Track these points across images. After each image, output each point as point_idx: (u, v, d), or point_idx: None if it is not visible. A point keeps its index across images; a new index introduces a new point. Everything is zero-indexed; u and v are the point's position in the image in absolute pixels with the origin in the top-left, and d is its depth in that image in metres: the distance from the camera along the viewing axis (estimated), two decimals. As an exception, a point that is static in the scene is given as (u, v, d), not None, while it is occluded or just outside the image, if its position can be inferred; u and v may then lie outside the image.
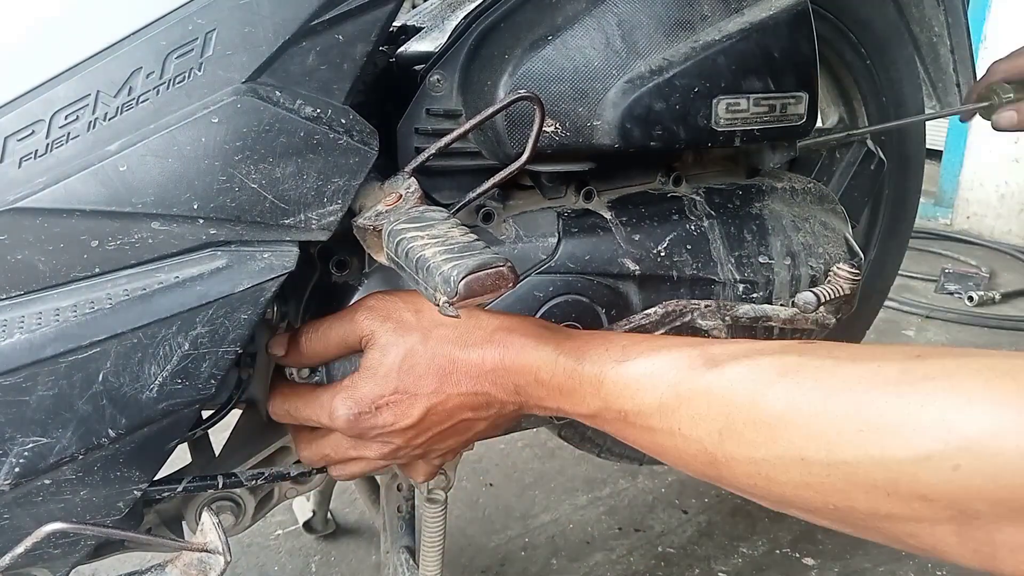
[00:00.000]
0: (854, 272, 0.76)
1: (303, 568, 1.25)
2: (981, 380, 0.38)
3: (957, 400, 0.38)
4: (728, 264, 0.75)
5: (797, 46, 0.72)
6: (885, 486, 0.40)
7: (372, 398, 0.57)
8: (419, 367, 0.57)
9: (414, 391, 0.57)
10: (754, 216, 0.78)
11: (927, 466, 0.37)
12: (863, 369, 0.44)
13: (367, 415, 0.58)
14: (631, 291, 0.72)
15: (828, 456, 0.42)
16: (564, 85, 0.64)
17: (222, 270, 0.52)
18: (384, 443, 0.60)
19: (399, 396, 0.57)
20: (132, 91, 0.48)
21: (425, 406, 0.57)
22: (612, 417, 0.54)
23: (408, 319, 0.59)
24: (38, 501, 0.51)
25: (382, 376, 0.57)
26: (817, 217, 0.82)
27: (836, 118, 1.12)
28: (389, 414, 0.58)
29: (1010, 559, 0.37)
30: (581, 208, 0.72)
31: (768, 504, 0.49)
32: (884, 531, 0.42)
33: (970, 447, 0.36)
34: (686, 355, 0.52)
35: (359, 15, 0.52)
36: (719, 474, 0.49)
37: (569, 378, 0.55)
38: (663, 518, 1.36)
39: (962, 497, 0.37)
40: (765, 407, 0.45)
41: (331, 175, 0.53)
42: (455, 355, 0.57)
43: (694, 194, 0.77)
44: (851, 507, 0.42)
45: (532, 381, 0.56)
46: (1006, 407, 0.36)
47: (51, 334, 0.48)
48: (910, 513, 0.39)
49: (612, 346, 0.56)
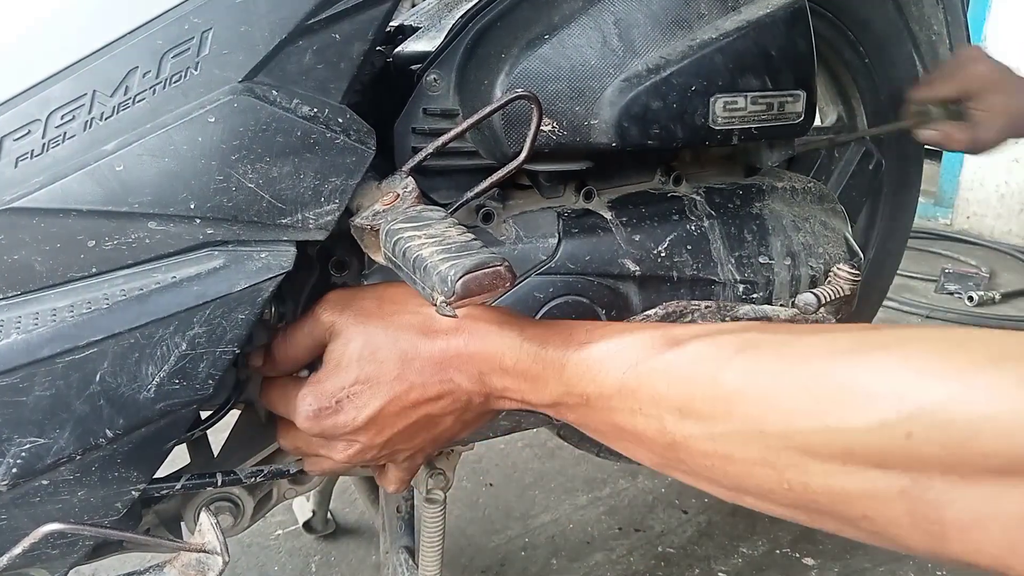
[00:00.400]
0: (854, 272, 0.76)
1: (303, 568, 1.25)
2: (934, 350, 0.39)
3: (909, 369, 0.38)
4: (728, 264, 0.75)
5: (794, 44, 0.72)
6: (841, 455, 0.40)
7: (333, 391, 0.56)
8: (380, 353, 0.56)
9: (376, 379, 0.56)
10: (754, 216, 0.78)
11: (881, 433, 0.38)
12: (819, 340, 0.44)
13: (327, 410, 0.56)
14: (631, 292, 0.71)
15: (786, 427, 0.42)
16: (561, 84, 0.64)
17: (219, 270, 0.52)
18: (348, 442, 0.59)
19: (359, 387, 0.56)
20: (128, 91, 0.48)
21: (386, 395, 0.56)
22: (574, 403, 0.53)
23: (369, 307, 0.58)
24: (36, 501, 0.51)
25: (344, 366, 0.56)
26: (817, 217, 0.82)
27: (835, 116, 1.12)
28: (351, 407, 0.56)
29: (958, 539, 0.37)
30: (581, 208, 0.72)
31: (723, 491, 0.48)
32: (838, 513, 0.42)
33: (922, 415, 0.36)
34: (648, 336, 0.52)
35: (356, 14, 0.52)
36: (677, 457, 0.49)
37: (533, 363, 0.54)
38: (663, 518, 1.36)
39: (915, 465, 0.37)
40: (724, 382, 0.45)
41: (328, 174, 0.53)
42: (417, 342, 0.56)
43: (694, 194, 0.77)
44: (806, 485, 0.42)
45: (496, 368, 0.55)
46: (957, 376, 0.36)
47: (48, 334, 0.48)
48: (865, 485, 0.39)
49: (576, 331, 0.55)
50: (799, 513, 0.44)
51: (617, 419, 0.52)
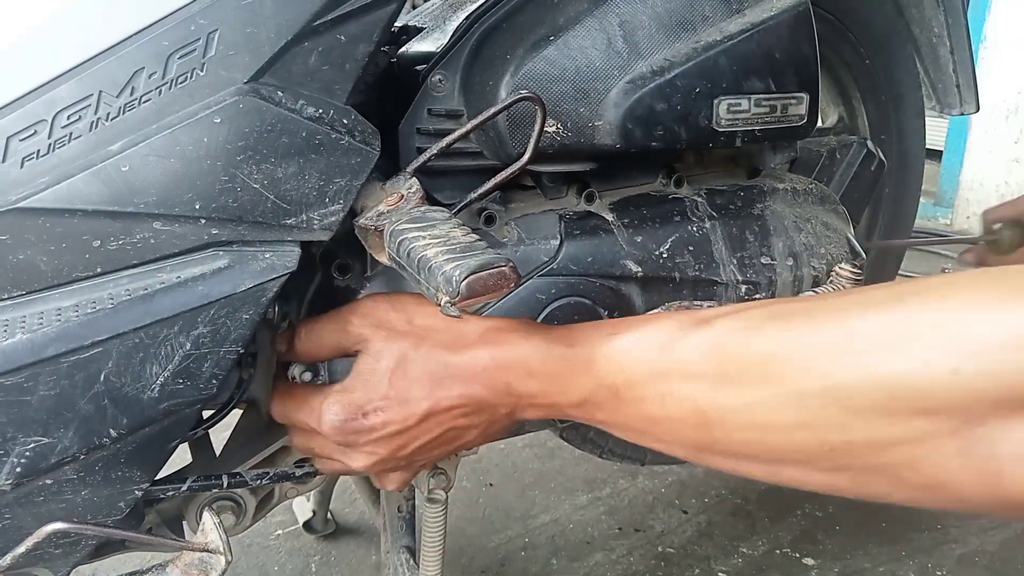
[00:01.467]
0: (856, 272, 0.76)
1: (303, 568, 1.25)
2: (972, 286, 0.38)
3: (948, 307, 0.38)
4: (730, 265, 0.75)
5: (798, 47, 0.72)
6: (885, 405, 0.39)
7: (361, 403, 0.57)
8: (411, 372, 0.56)
9: (405, 396, 0.56)
10: (756, 217, 0.78)
11: (925, 375, 0.37)
12: (850, 300, 0.44)
13: (353, 421, 0.57)
14: (634, 293, 0.72)
15: (824, 384, 0.41)
16: (566, 85, 0.64)
17: (224, 270, 0.52)
18: (370, 453, 0.59)
19: (388, 402, 0.56)
20: (134, 91, 0.48)
21: (414, 412, 0.56)
22: (604, 398, 0.53)
23: (400, 325, 0.58)
24: (39, 501, 0.51)
25: (374, 382, 0.57)
26: (819, 218, 0.83)
27: (836, 117, 1.13)
28: (377, 420, 0.57)
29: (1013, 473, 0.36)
30: (583, 210, 0.72)
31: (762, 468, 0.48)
32: (883, 467, 0.41)
33: (968, 348, 0.36)
34: (675, 320, 0.52)
35: (361, 15, 0.52)
36: (712, 438, 0.48)
37: (560, 363, 0.55)
38: (663, 518, 1.36)
39: (964, 402, 0.36)
40: (757, 348, 0.45)
41: (333, 175, 0.53)
42: (446, 359, 0.57)
43: (696, 196, 0.77)
44: (848, 443, 0.41)
45: (524, 375, 0.56)
46: (1000, 307, 0.36)
47: (53, 334, 0.48)
48: (911, 433, 0.38)
49: (602, 327, 0.56)
50: (842, 477, 0.43)
51: (648, 409, 0.51)
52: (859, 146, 0.99)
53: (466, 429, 0.59)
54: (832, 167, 0.96)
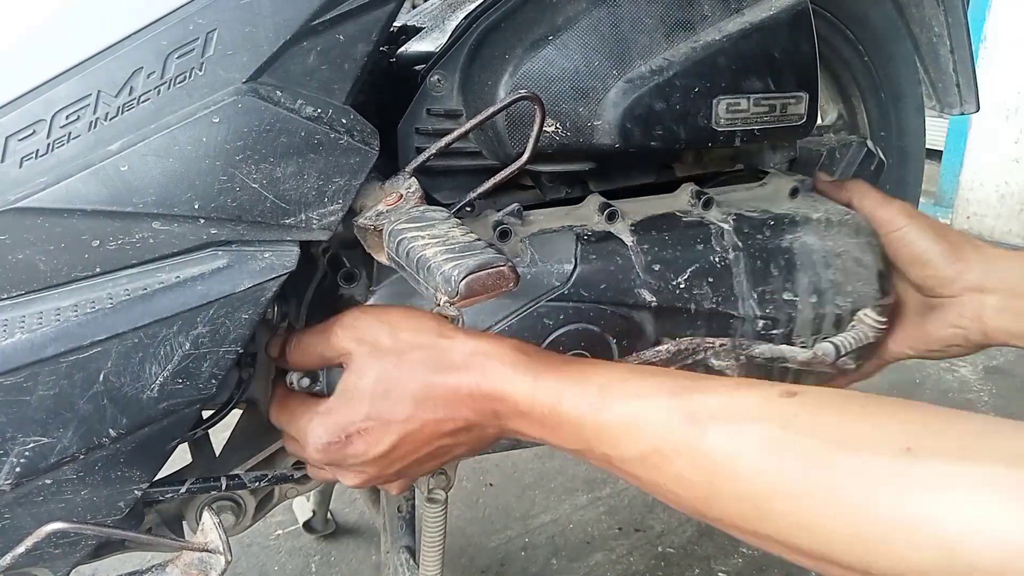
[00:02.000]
0: (880, 321, 0.72)
1: (303, 568, 1.25)
2: (984, 499, 0.35)
3: (959, 521, 0.35)
4: (750, 300, 0.71)
5: (797, 46, 0.72)
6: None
7: (343, 425, 0.56)
8: (393, 392, 0.55)
9: (388, 417, 0.55)
10: (783, 250, 0.73)
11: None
12: (852, 464, 0.41)
13: (336, 444, 0.56)
14: (646, 321, 0.68)
15: (822, 551, 0.41)
16: (565, 85, 0.64)
17: (223, 270, 0.52)
18: (359, 473, 0.58)
19: (371, 423, 0.55)
20: (133, 91, 0.48)
21: (398, 434, 0.55)
22: (597, 457, 0.53)
23: (383, 342, 0.56)
24: (39, 501, 0.51)
25: (356, 401, 0.56)
26: (851, 253, 0.77)
27: (835, 115, 1.13)
28: (360, 443, 0.56)
29: None
30: (603, 231, 0.68)
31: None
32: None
33: (1018, 554, 0.33)
34: (665, 407, 0.50)
35: (360, 15, 0.52)
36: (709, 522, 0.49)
37: (549, 414, 0.53)
38: (663, 518, 1.36)
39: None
40: (749, 485, 0.44)
41: (332, 175, 0.53)
42: (430, 379, 0.55)
43: (723, 222, 0.72)
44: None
45: (513, 411, 0.54)
46: (1015, 533, 0.33)
47: (52, 334, 0.48)
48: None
49: (589, 386, 0.53)
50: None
51: (644, 480, 0.51)
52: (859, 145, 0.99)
53: (454, 446, 0.58)
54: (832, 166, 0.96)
